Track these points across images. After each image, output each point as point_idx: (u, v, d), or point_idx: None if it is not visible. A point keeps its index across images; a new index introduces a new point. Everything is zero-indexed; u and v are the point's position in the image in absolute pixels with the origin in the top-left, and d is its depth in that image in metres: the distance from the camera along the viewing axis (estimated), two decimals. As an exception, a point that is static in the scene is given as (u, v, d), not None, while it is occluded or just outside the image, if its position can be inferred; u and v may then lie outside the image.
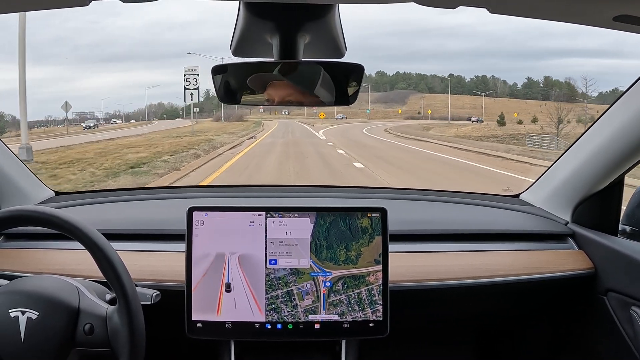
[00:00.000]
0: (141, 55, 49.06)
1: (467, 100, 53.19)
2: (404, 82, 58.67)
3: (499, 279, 1.60)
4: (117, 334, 1.15)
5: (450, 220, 1.89)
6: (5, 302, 1.17)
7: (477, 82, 55.25)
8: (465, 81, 58.05)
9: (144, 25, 52.93)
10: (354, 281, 1.45)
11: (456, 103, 52.59)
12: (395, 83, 58.96)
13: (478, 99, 51.52)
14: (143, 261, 1.57)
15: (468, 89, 55.42)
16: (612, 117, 1.56)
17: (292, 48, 1.12)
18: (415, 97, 56.47)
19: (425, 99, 55.12)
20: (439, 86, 57.38)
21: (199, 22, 68.69)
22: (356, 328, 1.45)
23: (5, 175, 1.73)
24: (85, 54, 45.97)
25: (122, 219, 1.83)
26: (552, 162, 1.88)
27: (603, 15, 0.95)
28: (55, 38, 44.27)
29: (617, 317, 1.59)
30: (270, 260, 1.45)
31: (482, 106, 46.96)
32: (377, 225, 1.47)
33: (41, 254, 1.63)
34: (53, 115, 29.99)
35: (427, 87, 57.77)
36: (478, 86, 54.31)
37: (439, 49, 54.36)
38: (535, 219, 1.88)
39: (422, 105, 51.97)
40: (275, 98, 1.17)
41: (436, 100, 54.01)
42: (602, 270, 1.65)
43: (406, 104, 54.15)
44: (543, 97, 46.12)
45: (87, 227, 1.16)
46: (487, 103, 48.84)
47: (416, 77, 58.41)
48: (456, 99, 54.24)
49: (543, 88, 48.72)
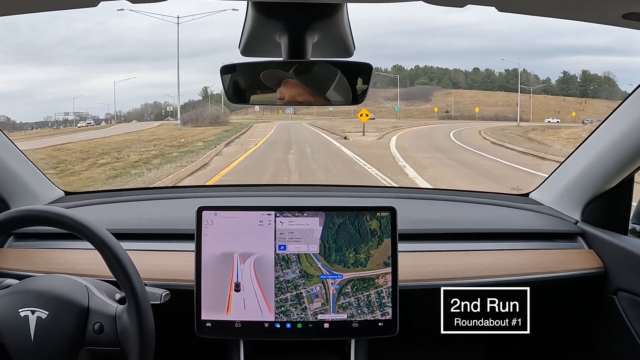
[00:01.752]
0: (147, 55, 49.29)
1: (499, 96, 47.47)
2: (425, 77, 52.09)
3: (508, 279, 1.60)
4: (126, 333, 1.16)
5: (460, 219, 1.88)
6: (15, 302, 1.17)
7: (507, 76, 49.30)
8: (495, 75, 51.71)
9: (150, 25, 53.18)
10: (363, 284, 1.45)
11: (487, 100, 46.88)
12: (415, 78, 52.31)
13: (510, 95, 45.79)
14: (152, 261, 1.57)
15: (498, 84, 49.68)
16: (622, 116, 1.55)
17: (301, 47, 1.12)
18: (440, 94, 49.67)
19: (452, 96, 48.64)
20: (463, 81, 51.48)
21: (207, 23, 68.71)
22: (365, 328, 1.45)
23: (15, 176, 1.74)
24: (92, 55, 46.08)
25: (131, 219, 1.84)
26: (562, 161, 1.86)
27: (612, 12, 0.95)
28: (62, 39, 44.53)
29: (627, 317, 1.58)
30: (279, 245, 1.45)
31: (518, 104, 41.51)
32: (386, 227, 1.46)
33: (51, 254, 1.63)
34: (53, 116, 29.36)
35: (450, 82, 51.52)
36: (509, 81, 48.35)
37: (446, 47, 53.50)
38: (544, 218, 1.87)
39: (451, 103, 45.99)
40: (286, 96, 1.17)
41: (464, 96, 47.79)
42: (612, 270, 1.64)
43: (431, 101, 47.65)
44: (582, 93, 41.19)
45: (96, 226, 1.17)
46: (522, 100, 43.13)
47: (437, 71, 51.92)
48: (487, 95, 48.63)
49: (581, 83, 42.79)
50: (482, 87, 49.98)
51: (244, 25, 1.15)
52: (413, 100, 48.69)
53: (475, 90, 49.35)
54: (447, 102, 47.51)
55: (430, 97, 48.23)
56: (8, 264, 1.59)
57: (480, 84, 50.48)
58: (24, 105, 30.95)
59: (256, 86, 1.17)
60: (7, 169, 1.71)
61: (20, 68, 35.46)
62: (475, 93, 48.75)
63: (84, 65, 45.91)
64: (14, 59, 42.55)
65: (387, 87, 51.45)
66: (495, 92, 48.29)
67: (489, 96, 47.95)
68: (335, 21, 1.10)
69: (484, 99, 46.97)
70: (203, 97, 47.11)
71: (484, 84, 50.32)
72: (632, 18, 0.95)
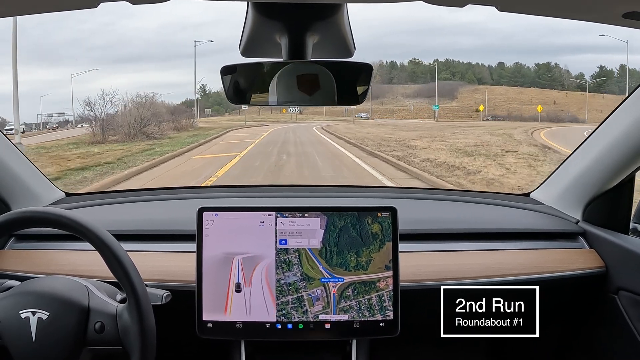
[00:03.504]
0: (154, 55, 49.29)
1: (532, 93, 41.71)
2: (447, 72, 45.85)
3: (510, 278, 1.60)
4: (127, 331, 1.16)
5: (461, 219, 1.88)
6: (16, 304, 1.18)
7: (538, 71, 44.08)
8: (527, 69, 45.60)
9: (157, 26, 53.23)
10: (365, 287, 1.45)
11: (520, 97, 41.40)
12: (435, 73, 46.12)
13: (545, 92, 40.90)
14: (153, 261, 1.57)
15: (530, 79, 44.13)
16: (622, 115, 1.55)
17: (301, 48, 1.12)
18: (466, 90, 43.47)
19: (480, 93, 42.84)
20: (487, 76, 45.70)
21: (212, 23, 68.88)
22: (367, 328, 1.45)
23: (16, 177, 1.74)
24: (98, 55, 46.18)
25: (132, 220, 1.84)
26: (563, 161, 1.86)
27: (612, 12, 0.95)
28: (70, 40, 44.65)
29: (628, 316, 1.58)
30: (280, 240, 1.45)
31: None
32: (387, 231, 1.46)
33: (52, 255, 1.64)
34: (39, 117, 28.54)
35: (475, 78, 45.69)
36: (540, 76, 43.45)
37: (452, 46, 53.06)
38: (545, 218, 1.87)
39: (484, 100, 40.18)
40: (286, 97, 1.17)
41: (494, 93, 41.98)
42: (613, 269, 1.64)
43: (457, 99, 41.85)
44: (620, 90, 35.32)
45: (96, 227, 1.17)
46: (558, 97, 39.35)
47: (459, 65, 45.81)
48: (519, 92, 42.75)
49: (619, 79, 37.83)
50: (511, 82, 44.58)
51: (244, 26, 1.15)
52: (437, 98, 42.74)
53: (505, 86, 44.00)
54: (475, 99, 42.31)
55: (456, 94, 42.65)
56: (9, 265, 1.59)
57: (509, 79, 45.05)
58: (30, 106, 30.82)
59: (256, 87, 1.18)
60: (8, 170, 1.71)
61: (28, 69, 35.43)
62: (506, 89, 43.47)
63: (91, 66, 45.83)
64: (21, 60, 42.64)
65: (405, 82, 46.76)
66: (527, 89, 43.03)
67: (521, 93, 42.77)
68: (336, 21, 1.11)
69: (516, 96, 42.02)
70: (202, 95, 45.24)
71: (514, 79, 44.82)
72: (633, 17, 0.95)
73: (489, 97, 41.34)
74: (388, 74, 47.60)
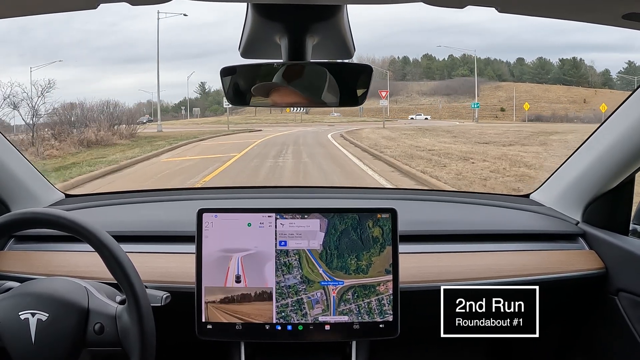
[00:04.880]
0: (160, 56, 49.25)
1: (559, 90, 38.36)
2: (465, 68, 42.47)
3: (510, 279, 1.60)
4: (127, 332, 1.16)
5: (461, 220, 1.88)
6: (15, 305, 1.18)
7: (562, 67, 40.93)
8: (551, 65, 42.29)
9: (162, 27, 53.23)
10: (364, 291, 1.45)
11: (546, 95, 38.11)
12: (452, 69, 43.53)
13: (572, 90, 37.34)
14: (153, 263, 1.57)
15: (555, 75, 41.02)
16: (623, 116, 1.55)
17: (301, 49, 1.12)
18: (487, 87, 40.23)
19: (503, 90, 39.57)
20: (506, 73, 42.68)
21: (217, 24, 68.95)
22: (366, 329, 1.45)
23: (15, 178, 1.74)
24: (105, 56, 46.12)
25: (132, 221, 1.84)
26: (563, 162, 1.86)
27: (612, 13, 0.95)
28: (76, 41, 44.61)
29: (628, 317, 1.58)
30: (280, 241, 1.45)
31: (585, 100, 34.07)
32: (388, 235, 1.46)
33: (51, 256, 1.63)
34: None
35: (495, 74, 42.43)
36: (566, 72, 40.34)
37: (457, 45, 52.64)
38: (545, 219, 1.87)
39: (510, 98, 36.44)
40: (286, 98, 1.17)
41: (518, 91, 38.42)
42: (613, 270, 1.64)
43: (478, 96, 37.60)
44: None
45: (96, 229, 1.17)
46: (587, 95, 35.95)
47: (477, 61, 41.30)
48: (544, 89, 39.15)
49: None
50: (534, 79, 41.81)
51: (243, 27, 1.15)
52: (455, 96, 40.41)
53: (528, 83, 41.22)
54: (498, 97, 38.90)
55: (477, 92, 38.64)
56: (8, 266, 1.59)
57: (533, 75, 42.35)
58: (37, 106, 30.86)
59: (256, 89, 1.17)
60: (7, 171, 1.71)
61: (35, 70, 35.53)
62: (531, 87, 40.24)
63: (97, 67, 45.80)
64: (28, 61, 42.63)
65: (420, 79, 43.89)
66: (552, 86, 39.98)
67: (547, 90, 39.33)
68: (335, 23, 1.10)
69: (542, 94, 38.41)
70: (201, 94, 43.59)
71: (538, 76, 41.99)
72: (633, 18, 0.95)
73: (512, 95, 37.87)
74: (401, 70, 45.35)
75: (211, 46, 53.45)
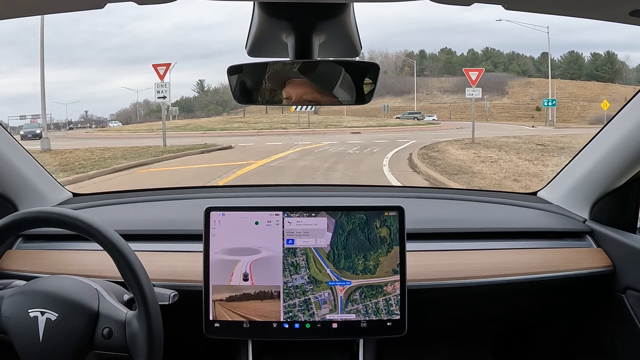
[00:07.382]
0: (167, 56, 49.26)
1: (595, 87, 35.74)
2: (489, 62, 38.92)
3: (517, 278, 1.59)
4: (135, 339, 1.15)
5: (468, 218, 1.87)
6: (25, 302, 1.18)
7: (595, 62, 38.04)
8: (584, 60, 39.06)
9: (170, 27, 53.22)
10: (372, 291, 1.45)
11: (583, 93, 35.00)
12: (474, 64, 39.42)
13: (609, 87, 34.97)
14: (161, 261, 1.57)
15: (587, 71, 38.12)
16: (630, 113, 1.55)
17: (308, 47, 1.12)
18: (517, 84, 37.06)
19: (534, 86, 36.22)
20: (531, 68, 39.40)
21: (225, 24, 69.13)
22: (374, 327, 1.45)
23: (23, 177, 1.75)
24: (112, 57, 46.32)
25: (139, 220, 1.84)
26: (570, 159, 1.86)
27: (619, 10, 0.95)
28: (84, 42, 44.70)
29: (635, 316, 1.58)
30: (287, 240, 1.45)
31: (626, 98, 29.12)
32: (395, 235, 1.46)
33: (59, 255, 1.64)
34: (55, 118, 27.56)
35: (520, 70, 39.45)
36: (599, 68, 37.62)
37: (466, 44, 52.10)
38: (553, 217, 1.86)
39: (546, 95, 31.19)
40: (293, 96, 1.16)
41: (552, 87, 33.28)
42: (621, 268, 1.63)
43: (508, 94, 35.49)
44: None
45: (105, 228, 1.17)
46: (627, 93, 29.40)
47: (500, 55, 38.64)
48: (580, 86, 36.60)
49: None
50: (565, 75, 38.53)
51: (250, 26, 1.15)
52: (483, 93, 32.73)
53: (560, 79, 37.41)
54: (530, 94, 35.36)
55: (506, 89, 35.78)
56: (17, 265, 1.60)
57: (563, 70, 39.08)
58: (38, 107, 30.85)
59: (264, 86, 1.18)
60: (15, 170, 1.71)
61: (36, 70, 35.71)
62: (565, 83, 36.65)
63: (104, 67, 45.98)
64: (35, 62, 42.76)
65: (440, 75, 40.67)
66: (587, 83, 36.82)
67: (583, 87, 36.11)
68: (342, 21, 1.10)
69: (578, 91, 35.12)
70: (199, 92, 41.69)
71: (569, 72, 38.77)
72: (639, 15, 0.95)
73: (545, 92, 33.13)
74: (419, 65, 42.83)
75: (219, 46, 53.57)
